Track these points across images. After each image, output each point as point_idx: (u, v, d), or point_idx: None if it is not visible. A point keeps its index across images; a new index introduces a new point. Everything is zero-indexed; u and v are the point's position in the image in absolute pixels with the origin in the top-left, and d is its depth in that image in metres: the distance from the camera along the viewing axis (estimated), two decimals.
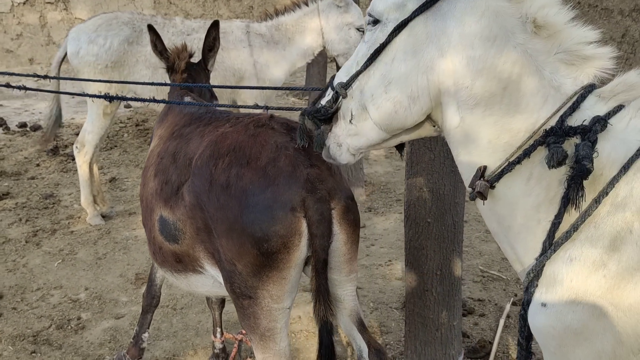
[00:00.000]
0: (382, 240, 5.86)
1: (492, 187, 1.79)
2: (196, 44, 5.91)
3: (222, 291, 2.96)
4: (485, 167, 1.80)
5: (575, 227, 1.63)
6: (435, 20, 1.83)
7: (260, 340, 2.68)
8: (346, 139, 2.07)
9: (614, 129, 1.64)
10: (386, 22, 1.92)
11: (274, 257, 2.45)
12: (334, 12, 5.88)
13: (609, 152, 1.63)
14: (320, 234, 2.48)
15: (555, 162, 1.60)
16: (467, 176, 1.88)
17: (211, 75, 6.00)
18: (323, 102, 2.10)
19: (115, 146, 8.70)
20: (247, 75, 6.12)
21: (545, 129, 1.69)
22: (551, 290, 1.67)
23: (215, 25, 3.95)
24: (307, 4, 6.05)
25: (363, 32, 5.78)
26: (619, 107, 1.68)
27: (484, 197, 1.79)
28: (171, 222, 2.83)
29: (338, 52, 6.06)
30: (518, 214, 1.77)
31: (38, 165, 7.89)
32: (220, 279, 2.78)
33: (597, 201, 1.60)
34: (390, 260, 5.41)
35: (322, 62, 8.12)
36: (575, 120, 1.68)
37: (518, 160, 1.72)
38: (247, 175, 2.47)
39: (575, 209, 1.61)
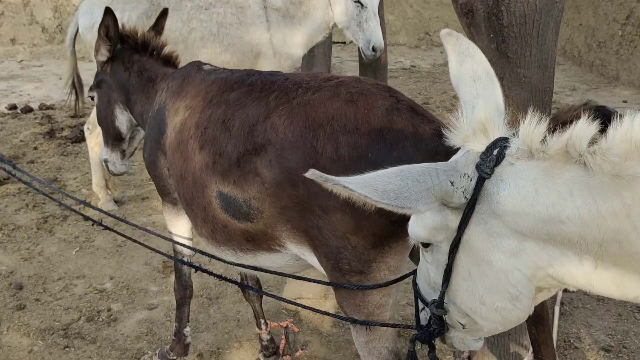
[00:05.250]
0: None
1: None
2: (215, 19, 5.63)
3: (293, 268, 2.74)
4: None
5: None
6: (488, 219, 1.60)
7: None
8: (468, 336, 1.95)
9: None
10: (437, 244, 1.75)
11: (404, 225, 2.20)
12: None
13: None
14: None
15: None
16: None
17: (230, 50, 5.77)
18: (423, 320, 2.00)
19: None
20: (264, 50, 5.84)
21: None
22: None
23: (164, 14, 3.66)
24: None
25: (357, 2, 5.55)
26: None
27: None
28: (241, 200, 2.54)
29: (342, 25, 5.80)
30: None
31: (36, 148, 7.50)
32: (305, 257, 2.54)
33: None
34: None
35: (327, 42, 7.87)
36: None
37: None
38: (362, 143, 2.22)
39: None
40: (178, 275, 3.50)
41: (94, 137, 5.73)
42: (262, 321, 3.74)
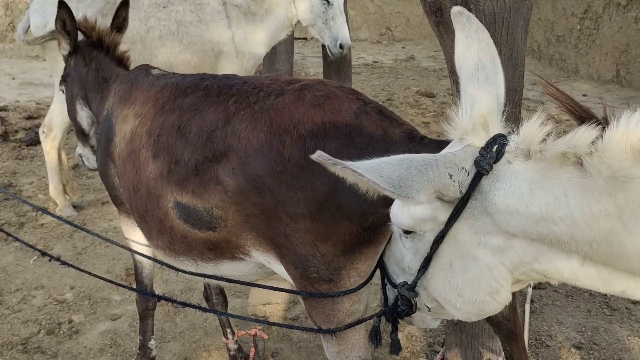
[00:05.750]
0: None
1: None
2: (173, 17, 5.47)
3: (255, 276, 2.66)
4: None
5: None
6: (479, 216, 1.59)
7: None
8: (429, 316, 2.03)
9: None
10: (421, 233, 1.72)
11: (377, 230, 2.15)
12: None
13: None
14: None
15: None
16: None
17: (191, 49, 5.61)
18: (391, 298, 2.03)
19: (72, 130, 8.06)
20: (226, 49, 5.70)
21: None
22: None
23: (125, 5, 3.52)
24: None
25: (325, 0, 5.48)
26: None
27: None
28: (202, 209, 2.43)
29: (307, 22, 5.72)
30: None
31: None
32: (271, 265, 2.45)
33: None
34: None
35: (288, 39, 7.80)
36: None
37: None
38: (331, 147, 2.14)
39: None
40: (140, 287, 3.36)
41: (50, 141, 5.53)
42: (229, 330, 3.63)
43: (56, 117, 5.48)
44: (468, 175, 1.57)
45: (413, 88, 9.96)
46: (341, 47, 5.51)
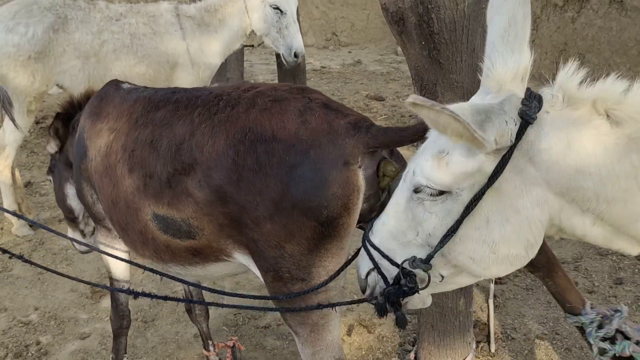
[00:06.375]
0: None
1: None
2: (127, 29, 5.43)
3: (240, 270, 2.70)
4: None
5: None
6: (524, 166, 1.63)
7: (311, 332, 2.45)
8: (429, 294, 2.02)
9: None
10: (457, 192, 1.70)
11: (334, 224, 2.23)
12: None
13: None
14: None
15: None
16: None
17: (146, 62, 5.57)
18: (389, 278, 1.96)
19: (20, 147, 7.86)
20: (181, 60, 5.69)
21: None
22: None
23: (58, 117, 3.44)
24: None
25: (277, 9, 5.55)
26: None
27: None
28: (179, 220, 2.49)
29: (261, 32, 5.78)
30: None
31: None
32: (250, 267, 2.51)
33: None
34: None
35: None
36: None
37: None
38: (279, 148, 2.22)
39: None
40: (115, 304, 3.34)
41: (3, 160, 5.40)
42: (210, 342, 3.65)
43: (8, 135, 5.35)
44: (515, 124, 1.60)
45: (362, 92, 10.10)
46: (296, 55, 5.58)
